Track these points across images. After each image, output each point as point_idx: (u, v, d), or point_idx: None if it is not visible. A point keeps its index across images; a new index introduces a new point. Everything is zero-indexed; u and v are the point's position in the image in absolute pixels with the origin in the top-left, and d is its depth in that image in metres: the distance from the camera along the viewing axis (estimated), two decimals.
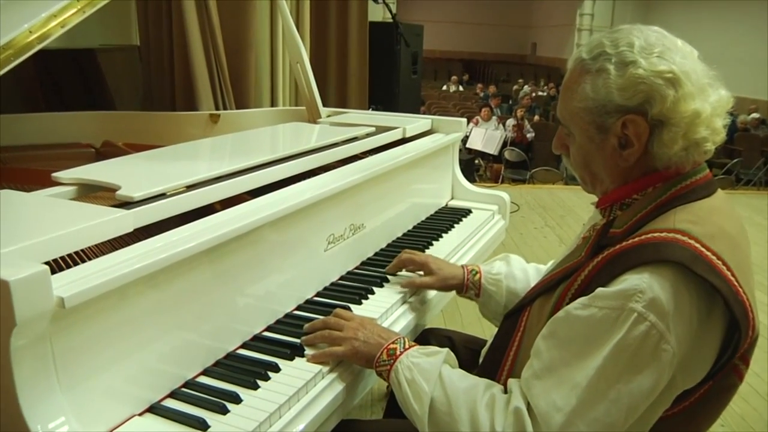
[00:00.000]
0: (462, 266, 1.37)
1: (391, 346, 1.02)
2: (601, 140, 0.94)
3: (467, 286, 1.33)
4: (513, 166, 7.27)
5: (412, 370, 0.97)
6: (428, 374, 0.95)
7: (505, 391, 0.94)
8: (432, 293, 1.43)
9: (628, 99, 0.90)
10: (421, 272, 1.39)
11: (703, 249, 0.84)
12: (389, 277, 1.43)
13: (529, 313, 1.02)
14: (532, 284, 1.32)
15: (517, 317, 1.04)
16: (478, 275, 1.34)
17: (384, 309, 1.28)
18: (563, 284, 0.95)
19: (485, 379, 0.97)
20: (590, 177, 0.99)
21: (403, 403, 0.97)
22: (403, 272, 1.43)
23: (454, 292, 1.41)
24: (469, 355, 1.39)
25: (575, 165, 1.00)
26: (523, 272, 1.34)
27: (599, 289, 0.86)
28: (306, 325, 1.12)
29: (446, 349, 1.01)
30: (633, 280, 0.83)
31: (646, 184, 0.94)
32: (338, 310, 1.15)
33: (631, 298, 0.82)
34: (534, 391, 0.87)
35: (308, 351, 1.07)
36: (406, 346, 1.02)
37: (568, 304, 0.90)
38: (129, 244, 0.95)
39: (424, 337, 1.46)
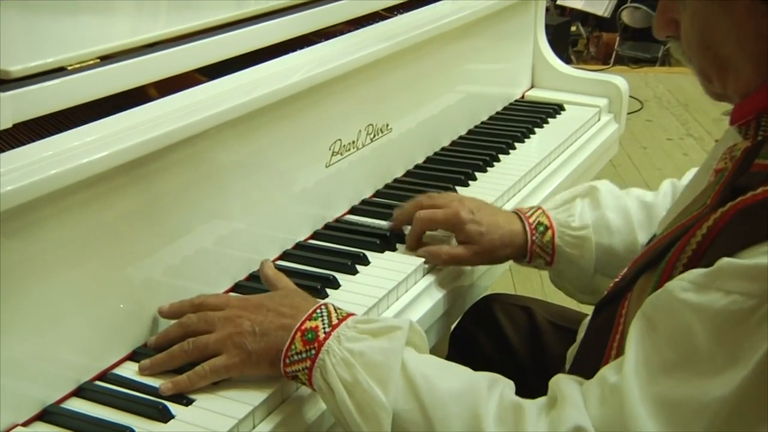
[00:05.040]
0: (518, 216, 1.31)
1: (307, 325, 0.96)
2: None
3: (533, 252, 1.29)
4: (636, 37, 7.07)
5: (351, 366, 0.91)
6: (383, 370, 0.90)
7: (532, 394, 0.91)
8: None
9: None
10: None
11: None
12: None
13: (630, 301, 0.99)
14: (640, 233, 1.28)
15: (615, 308, 1.02)
16: (549, 232, 1.29)
17: (419, 261, 1.27)
18: (673, 249, 0.91)
19: (484, 373, 0.93)
20: (716, 66, 0.94)
21: (343, 423, 0.93)
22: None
23: None
24: (557, 336, 1.39)
25: (691, 48, 0.96)
26: (621, 213, 1.30)
27: (725, 261, 0.81)
28: (150, 339, 1.05)
29: (406, 320, 0.97)
30: None
31: None
32: (201, 297, 1.07)
33: None
34: (614, 407, 0.83)
35: (162, 383, 0.98)
36: (334, 321, 0.97)
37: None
38: (3, 151, 0.94)
39: (487, 307, 1.47)
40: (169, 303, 1.08)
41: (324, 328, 0.96)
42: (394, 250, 1.32)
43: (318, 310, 0.98)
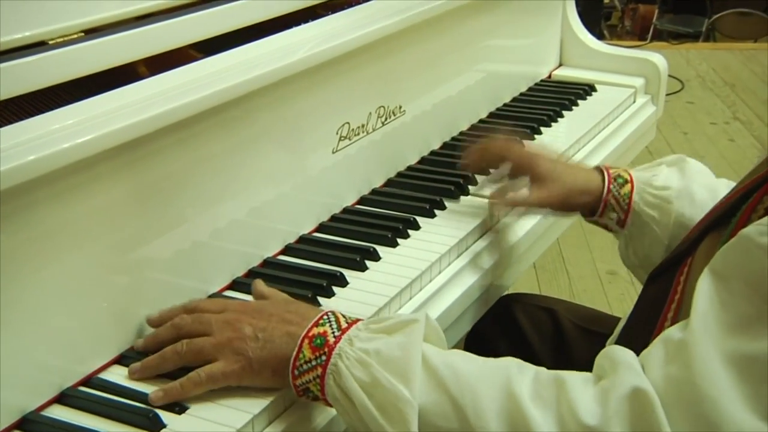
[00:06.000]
0: (599, 168, 1.35)
1: (315, 331, 0.96)
2: None
3: (606, 203, 1.31)
4: (676, 9, 7.05)
5: (368, 365, 0.91)
6: (402, 364, 0.90)
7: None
8: (529, 223, 1.42)
9: None
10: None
11: None
12: (445, 201, 1.43)
13: (691, 266, 1.00)
14: None
15: (672, 276, 1.03)
16: (628, 185, 1.31)
17: (435, 256, 1.27)
18: (748, 201, 0.93)
19: (509, 358, 0.93)
20: None
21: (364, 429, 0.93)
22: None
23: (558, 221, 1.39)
24: (584, 341, 1.40)
25: None
26: (708, 189, 1.31)
27: None
28: (138, 342, 1.06)
29: (422, 314, 0.97)
30: None
31: None
32: (195, 302, 1.09)
33: None
34: (682, 364, 0.82)
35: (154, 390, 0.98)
36: (343, 325, 0.97)
37: None
38: None
39: (507, 308, 1.48)
40: (158, 309, 1.08)
41: (333, 332, 0.95)
42: (405, 237, 1.32)
43: (325, 317, 0.98)
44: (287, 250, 1.29)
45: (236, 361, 0.97)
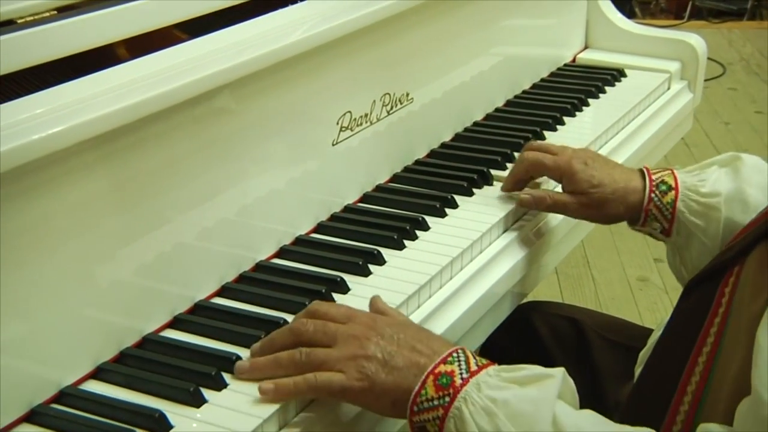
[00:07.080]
0: (641, 170, 1.36)
1: (441, 368, 0.97)
2: None
3: (648, 212, 1.32)
4: None
5: (494, 415, 0.92)
6: (531, 421, 0.91)
7: None
8: (555, 219, 1.43)
9: None
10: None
11: None
12: (457, 198, 1.44)
13: (739, 277, 1.00)
14: None
15: (714, 285, 1.03)
16: (672, 193, 1.32)
17: (446, 260, 1.27)
18: None
19: (639, 428, 0.94)
20: None
21: None
22: None
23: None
24: (611, 354, 1.40)
25: None
26: (764, 192, 1.31)
27: None
28: (255, 346, 1.07)
29: (559, 370, 0.98)
30: None
31: None
32: (318, 304, 1.09)
33: None
34: None
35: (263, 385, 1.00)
36: (473, 367, 0.98)
37: None
38: None
39: (525, 317, 1.48)
40: (139, 317, 1.08)
41: (461, 373, 0.96)
42: (413, 239, 1.33)
43: (455, 353, 0.99)
44: (282, 253, 1.30)
45: (358, 380, 0.98)
